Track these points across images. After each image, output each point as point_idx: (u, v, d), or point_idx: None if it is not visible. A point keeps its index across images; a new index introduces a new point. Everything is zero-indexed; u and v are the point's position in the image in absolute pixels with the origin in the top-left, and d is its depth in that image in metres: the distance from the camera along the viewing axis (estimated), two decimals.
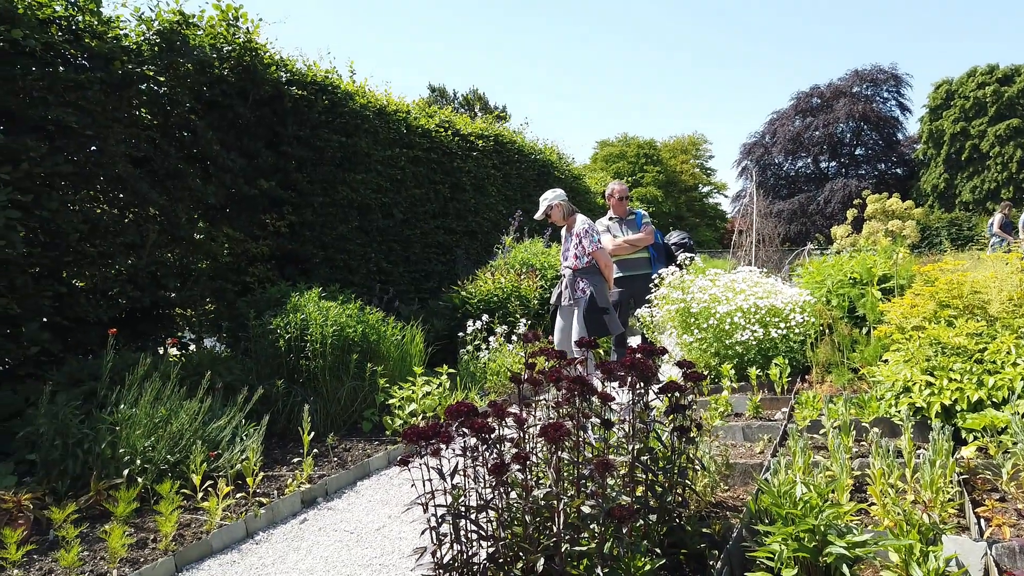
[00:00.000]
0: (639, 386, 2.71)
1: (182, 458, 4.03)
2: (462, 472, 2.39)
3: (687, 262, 6.83)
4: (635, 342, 5.41)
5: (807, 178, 39.15)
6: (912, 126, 41.45)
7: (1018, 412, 3.31)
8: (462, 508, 2.33)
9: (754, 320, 5.77)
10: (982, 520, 2.73)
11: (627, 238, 6.81)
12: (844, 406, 3.77)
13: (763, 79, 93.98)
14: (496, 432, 2.30)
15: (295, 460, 4.64)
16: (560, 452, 2.29)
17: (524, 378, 2.62)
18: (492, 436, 2.27)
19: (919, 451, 3.36)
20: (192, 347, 6.18)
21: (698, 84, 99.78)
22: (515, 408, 2.58)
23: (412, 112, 9.04)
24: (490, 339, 6.94)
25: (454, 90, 40.29)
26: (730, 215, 41.77)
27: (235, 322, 6.16)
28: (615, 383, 2.70)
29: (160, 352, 5.70)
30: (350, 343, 5.62)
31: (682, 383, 2.88)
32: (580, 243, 5.67)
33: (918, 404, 3.87)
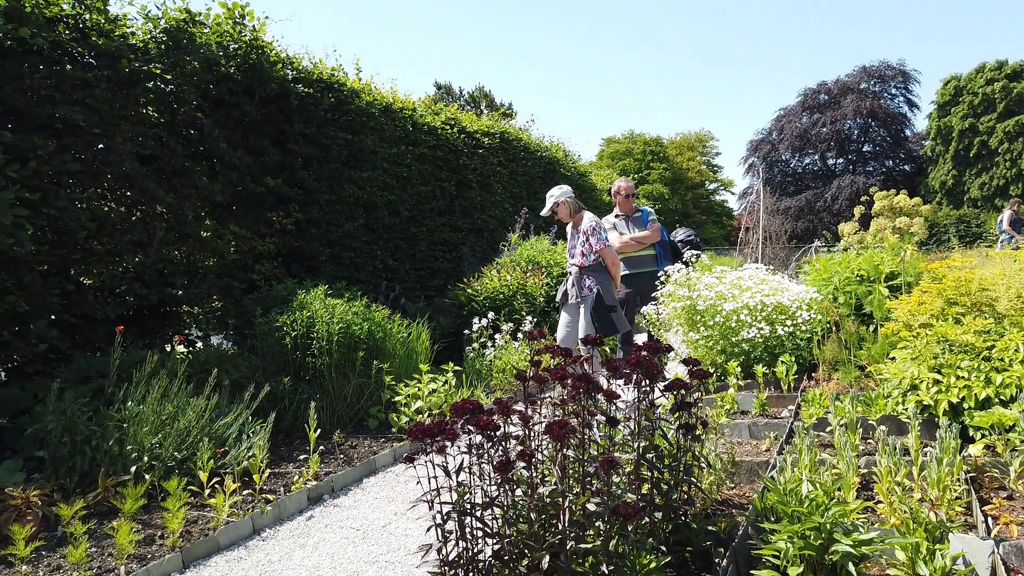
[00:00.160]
0: (644, 384, 2.71)
1: (189, 455, 4.06)
2: (468, 469, 2.39)
3: (693, 259, 6.82)
4: (641, 340, 5.42)
5: (814, 175, 38.93)
6: (920, 122, 41.31)
7: None
8: (468, 505, 2.34)
9: (760, 318, 5.75)
10: (989, 518, 2.72)
11: (633, 235, 6.80)
12: (851, 404, 3.76)
13: (770, 76, 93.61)
14: (501, 430, 2.30)
15: (301, 457, 4.66)
16: (565, 450, 2.29)
17: (529, 376, 2.62)
18: (497, 434, 2.27)
19: (926, 449, 3.35)
20: (199, 344, 6.20)
21: (705, 81, 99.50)
22: (520, 406, 2.58)
23: (418, 110, 9.04)
24: (496, 337, 6.94)
25: (460, 87, 40.29)
26: (737, 212, 41.67)
27: (242, 320, 6.18)
28: (620, 381, 2.70)
29: (167, 349, 5.73)
30: (356, 340, 5.64)
31: (688, 381, 2.88)
32: (587, 241, 5.65)
33: (925, 402, 3.86)
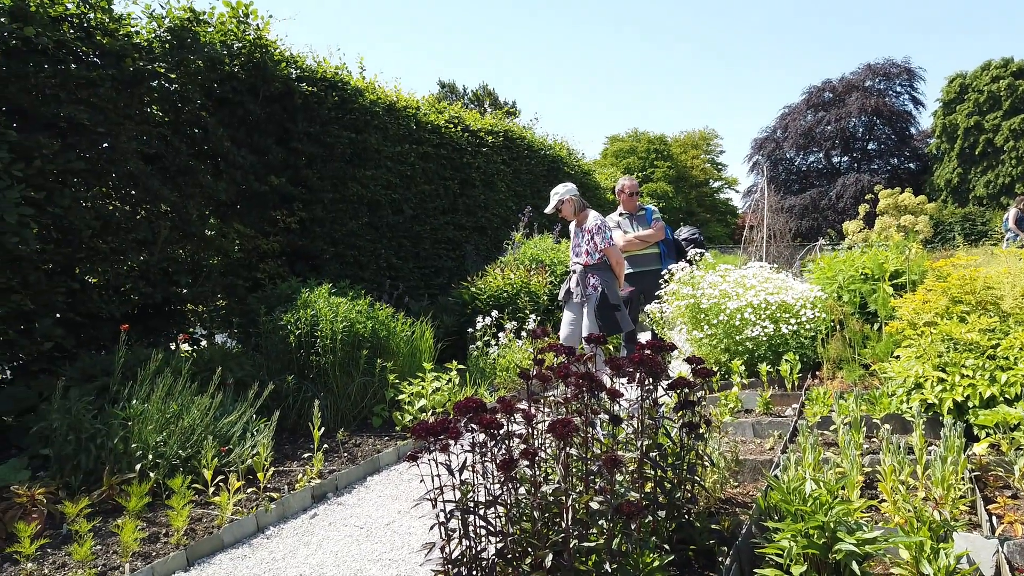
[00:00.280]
0: (648, 382, 2.71)
1: (193, 453, 4.07)
2: (471, 468, 2.39)
3: (697, 258, 6.81)
4: (645, 338, 5.41)
5: (819, 173, 38.83)
6: (925, 120, 41.17)
7: None
8: (471, 504, 2.34)
9: (764, 316, 5.74)
10: (994, 517, 2.71)
11: (637, 234, 6.79)
12: (855, 402, 3.74)
13: (774, 74, 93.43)
14: (505, 428, 2.30)
15: (305, 455, 4.67)
16: (569, 448, 2.29)
17: (533, 374, 2.62)
18: (501, 432, 2.27)
19: (930, 448, 3.34)
20: (203, 343, 6.22)
21: (709, 79, 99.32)
22: (524, 404, 2.58)
23: (422, 108, 9.04)
24: (500, 335, 6.94)
25: (464, 86, 40.29)
26: (741, 210, 41.55)
27: (246, 318, 6.19)
28: (624, 379, 2.70)
29: (172, 348, 5.74)
30: (360, 339, 5.64)
31: (691, 379, 2.88)
32: (592, 240, 5.64)
33: (930, 400, 3.85)
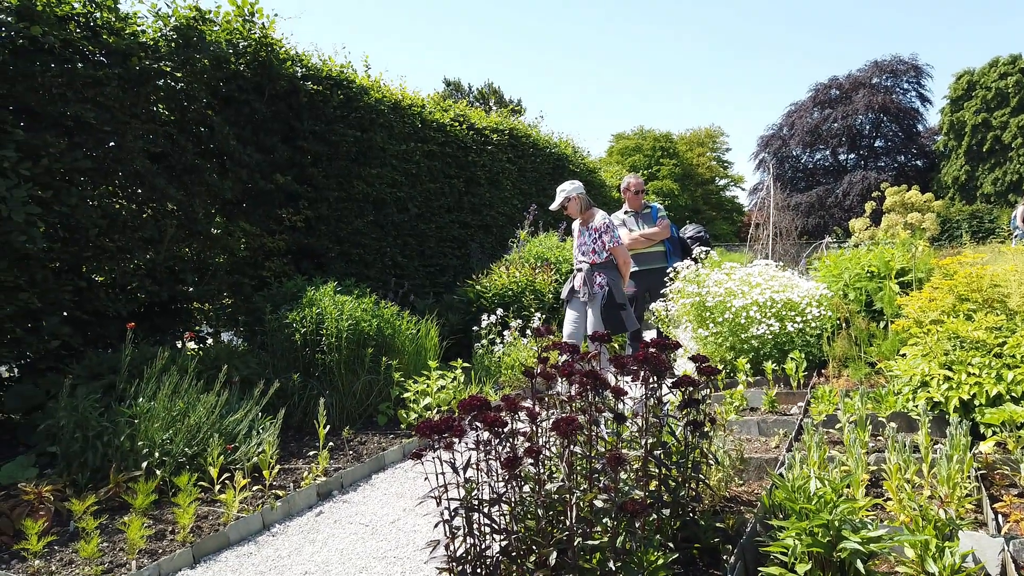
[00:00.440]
0: (652, 380, 2.71)
1: (199, 451, 4.09)
2: (475, 466, 2.39)
3: (703, 256, 6.79)
4: (650, 336, 5.41)
5: (825, 171, 38.64)
6: (932, 117, 40.90)
7: None
8: (475, 502, 2.34)
9: (770, 314, 5.73)
10: (1000, 516, 2.70)
11: (643, 232, 6.77)
12: (860, 400, 3.73)
13: (781, 71, 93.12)
14: (509, 426, 2.30)
15: (311, 453, 4.68)
16: (573, 446, 2.29)
17: (537, 372, 2.63)
18: (505, 430, 2.27)
19: (936, 446, 3.33)
20: (209, 341, 6.24)
21: (715, 76, 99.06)
22: (528, 402, 2.59)
23: (427, 106, 9.04)
24: (504, 333, 6.94)
25: (469, 84, 40.20)
26: (747, 208, 41.41)
27: (252, 316, 6.21)
28: (628, 377, 2.70)
29: (178, 346, 5.77)
30: (365, 337, 5.65)
31: (696, 377, 2.88)
32: (599, 238, 5.63)
33: (936, 399, 3.83)
